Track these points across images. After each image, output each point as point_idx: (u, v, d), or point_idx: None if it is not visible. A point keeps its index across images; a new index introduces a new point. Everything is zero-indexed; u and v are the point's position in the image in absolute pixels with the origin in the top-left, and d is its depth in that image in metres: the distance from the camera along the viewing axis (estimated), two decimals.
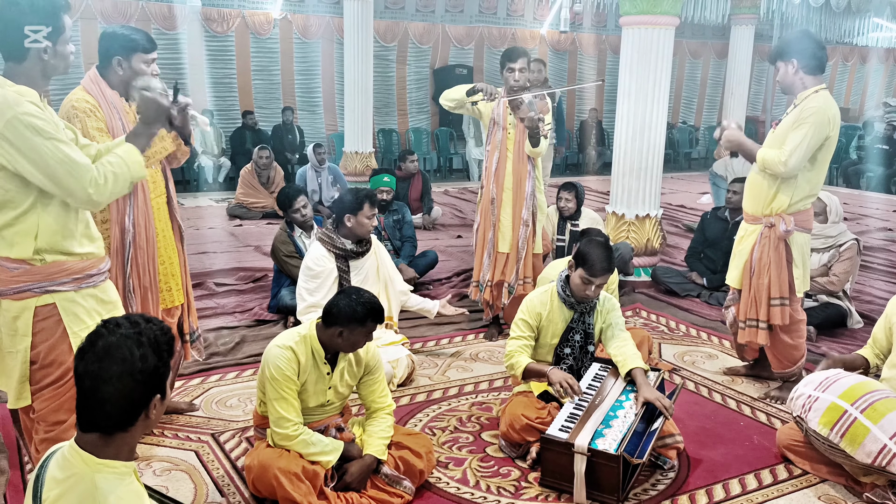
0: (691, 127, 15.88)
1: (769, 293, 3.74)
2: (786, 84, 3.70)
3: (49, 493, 1.58)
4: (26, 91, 2.26)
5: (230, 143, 11.16)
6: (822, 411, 2.97)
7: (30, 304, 2.35)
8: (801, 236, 3.75)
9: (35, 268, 2.33)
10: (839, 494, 3.04)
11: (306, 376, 2.84)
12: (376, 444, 2.90)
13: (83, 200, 2.30)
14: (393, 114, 13.20)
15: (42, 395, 2.41)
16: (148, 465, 3.12)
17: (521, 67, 4.46)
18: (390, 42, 12.80)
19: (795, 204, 3.67)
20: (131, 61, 3.00)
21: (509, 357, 3.35)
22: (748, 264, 3.81)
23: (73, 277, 2.39)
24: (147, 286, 3.10)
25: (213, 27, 11.45)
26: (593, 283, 3.21)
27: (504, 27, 13.87)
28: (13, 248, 2.31)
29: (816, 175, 3.67)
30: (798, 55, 3.61)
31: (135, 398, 1.58)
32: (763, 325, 3.80)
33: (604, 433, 2.92)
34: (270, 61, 12.07)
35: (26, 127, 2.18)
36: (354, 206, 4.02)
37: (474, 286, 4.81)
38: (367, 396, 3.04)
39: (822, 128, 3.53)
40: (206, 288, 5.68)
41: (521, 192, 4.56)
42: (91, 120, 2.93)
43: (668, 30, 5.66)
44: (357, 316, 2.75)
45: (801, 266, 3.76)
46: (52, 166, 2.22)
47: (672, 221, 8.81)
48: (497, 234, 4.63)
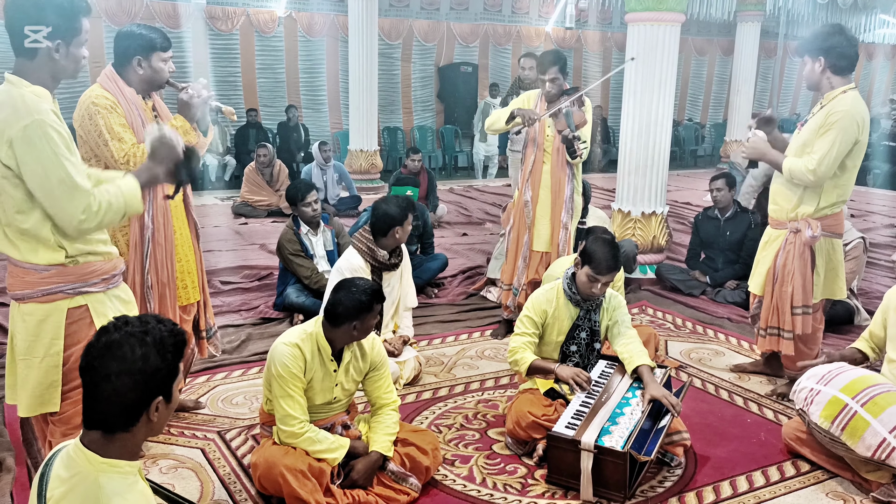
0: (697, 124, 15.85)
1: (792, 301, 3.64)
2: (812, 81, 3.55)
3: (53, 491, 1.58)
4: (42, 93, 2.24)
5: (235, 142, 11.17)
6: (824, 405, 2.97)
7: (61, 306, 2.33)
8: (828, 242, 3.63)
9: (68, 269, 2.32)
10: (847, 491, 3.02)
11: (312, 374, 2.84)
12: (382, 441, 2.90)
13: (71, 225, 2.24)
14: (398, 112, 13.20)
15: (70, 397, 2.40)
16: (154, 462, 3.12)
17: (553, 77, 4.42)
18: (395, 40, 12.80)
19: (823, 210, 3.55)
20: (151, 60, 3.03)
21: (513, 353, 3.33)
22: (771, 271, 3.71)
23: (102, 278, 2.41)
24: (165, 283, 3.12)
25: (218, 25, 11.47)
26: (599, 281, 3.20)
27: (509, 24, 13.86)
28: (37, 254, 2.29)
29: (846, 181, 3.55)
30: (826, 53, 3.44)
31: (133, 398, 1.56)
32: (787, 335, 3.71)
33: (610, 430, 2.91)
34: (275, 60, 12.08)
35: (42, 136, 2.15)
36: (402, 217, 3.86)
37: (506, 290, 4.71)
38: (372, 392, 3.04)
39: (850, 132, 3.39)
40: (211, 286, 5.67)
41: (560, 194, 4.52)
42: (113, 116, 2.93)
43: (674, 26, 5.64)
44: (365, 305, 2.81)
45: (821, 273, 3.67)
46: (52, 182, 2.18)
47: (678, 219, 8.79)
48: (532, 234, 4.58)
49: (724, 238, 5.72)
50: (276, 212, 8.59)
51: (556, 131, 4.44)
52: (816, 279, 3.66)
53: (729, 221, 5.71)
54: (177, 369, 1.64)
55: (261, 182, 8.74)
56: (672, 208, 8.42)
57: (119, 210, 2.31)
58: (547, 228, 4.58)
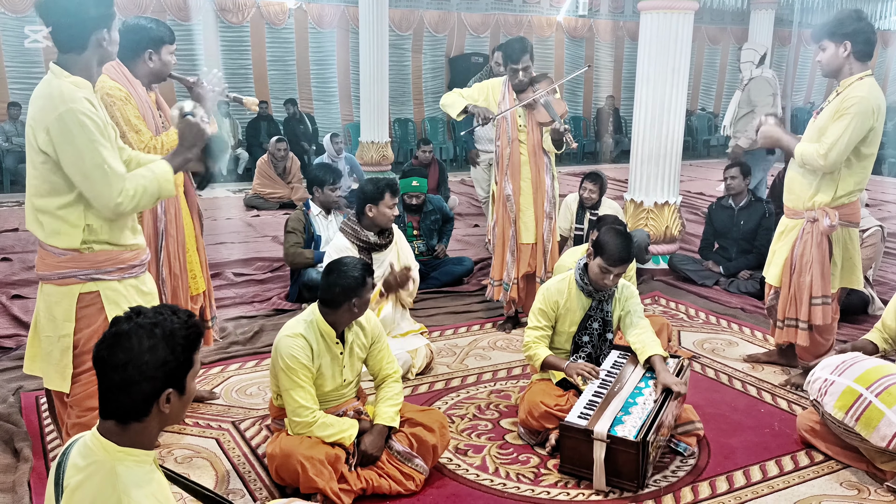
0: (710, 114, 15.73)
1: (811, 292, 3.60)
2: (832, 67, 3.47)
3: (70, 479, 1.59)
4: (82, 83, 2.31)
5: (246, 134, 11.19)
6: (838, 395, 2.96)
7: (73, 291, 2.42)
8: (846, 231, 3.59)
9: (83, 255, 2.40)
10: (860, 481, 3.01)
11: (321, 360, 2.86)
12: (386, 413, 2.94)
13: (108, 207, 2.33)
14: (409, 103, 13.18)
15: (80, 379, 2.48)
16: (169, 452, 3.15)
17: (525, 66, 4.32)
18: (406, 31, 12.77)
19: (840, 198, 3.51)
20: (161, 54, 3.07)
21: (527, 348, 3.35)
22: (788, 261, 3.67)
23: (118, 267, 2.46)
24: (177, 274, 3.16)
25: (229, 17, 11.48)
26: (612, 272, 3.19)
27: (520, 14, 13.78)
28: (59, 236, 2.37)
29: (862, 168, 3.51)
30: (852, 38, 3.38)
31: (142, 389, 1.56)
32: (804, 326, 3.67)
33: (623, 420, 2.91)
34: (286, 51, 12.08)
35: (76, 124, 2.24)
36: (375, 195, 3.97)
37: (497, 286, 4.65)
38: (374, 366, 3.07)
39: (866, 119, 3.35)
40: (224, 278, 5.71)
41: (541, 184, 4.48)
42: (128, 107, 2.98)
43: (688, 14, 5.59)
44: (359, 281, 2.86)
45: (838, 263, 3.63)
46: (88, 168, 2.27)
47: (691, 209, 8.74)
48: (519, 226, 4.53)
49: (737, 227, 5.68)
50: (288, 204, 8.60)
51: (537, 123, 4.36)
52: (833, 269, 3.62)
53: (743, 211, 5.67)
54: (190, 361, 1.63)
55: (273, 175, 8.76)
56: (685, 198, 8.38)
57: (154, 194, 2.41)
58: (532, 220, 4.53)
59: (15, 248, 6.42)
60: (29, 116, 2.34)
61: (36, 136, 2.29)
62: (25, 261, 5.98)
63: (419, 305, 5.01)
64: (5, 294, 5.12)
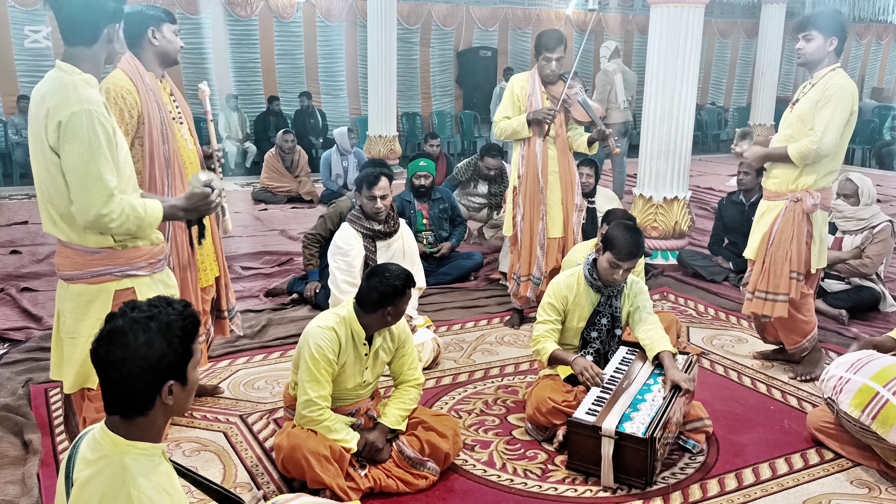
0: (720, 108, 15.63)
1: (790, 266, 3.69)
2: (815, 58, 3.63)
3: (80, 473, 1.60)
4: (92, 81, 2.30)
5: (254, 128, 11.20)
6: (854, 393, 2.93)
7: (108, 288, 2.40)
8: (821, 214, 3.72)
9: (117, 252, 2.39)
10: (872, 479, 2.99)
11: (345, 358, 2.86)
12: (392, 415, 2.93)
13: (86, 214, 2.27)
14: (416, 97, 13.15)
15: None
16: (177, 446, 3.15)
17: (559, 57, 4.33)
18: (414, 24, 12.74)
19: (820, 181, 3.65)
20: (163, 31, 3.07)
21: (536, 342, 3.34)
22: (767, 236, 3.76)
23: (149, 262, 2.47)
24: (186, 266, 3.14)
25: (237, 11, 11.47)
26: (621, 267, 3.18)
27: (529, 8, 13.73)
28: (86, 236, 2.35)
29: (839, 152, 3.65)
30: (838, 34, 3.59)
31: (142, 384, 1.56)
32: (783, 298, 3.72)
33: (631, 416, 2.90)
34: (294, 45, 12.07)
35: (87, 126, 2.21)
36: (358, 185, 4.08)
37: (525, 281, 4.58)
38: (396, 370, 3.06)
39: (848, 103, 3.54)
40: (232, 271, 5.71)
41: (570, 177, 4.49)
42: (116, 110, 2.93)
43: (698, 8, 5.55)
44: (398, 290, 2.83)
45: (818, 242, 3.74)
46: (81, 173, 2.23)
47: (700, 204, 8.70)
48: (547, 221, 4.50)
49: (748, 223, 5.62)
50: (295, 198, 8.61)
51: (575, 121, 4.38)
52: (814, 248, 3.72)
53: (754, 206, 5.60)
54: (189, 351, 1.62)
55: (281, 168, 8.76)
56: (694, 194, 8.33)
57: (135, 224, 2.36)
58: (560, 214, 4.53)
59: (24, 241, 6.45)
60: (37, 115, 2.27)
61: (48, 133, 2.24)
62: (35, 253, 6.01)
63: (427, 300, 5.01)
64: (15, 287, 5.14)
